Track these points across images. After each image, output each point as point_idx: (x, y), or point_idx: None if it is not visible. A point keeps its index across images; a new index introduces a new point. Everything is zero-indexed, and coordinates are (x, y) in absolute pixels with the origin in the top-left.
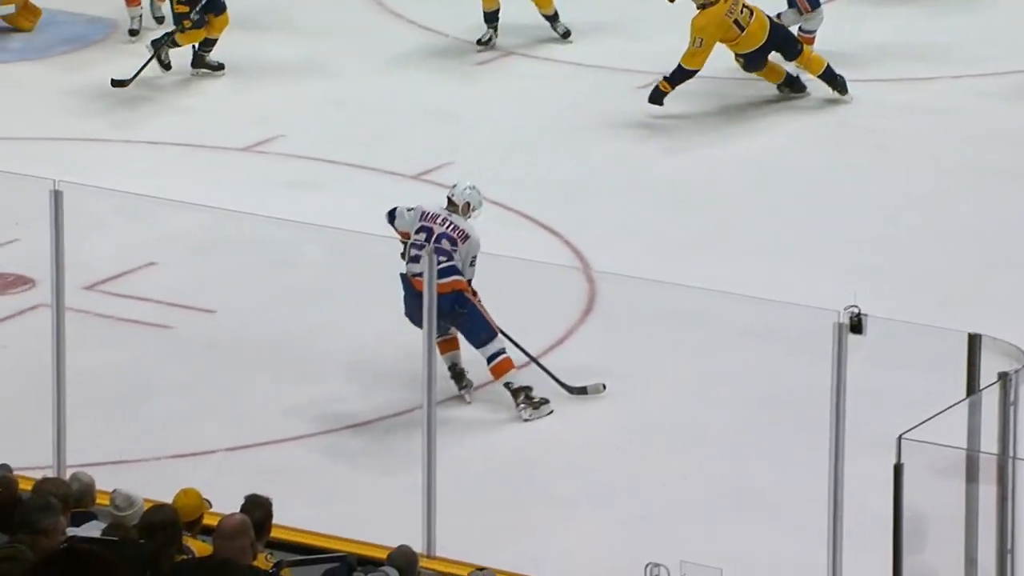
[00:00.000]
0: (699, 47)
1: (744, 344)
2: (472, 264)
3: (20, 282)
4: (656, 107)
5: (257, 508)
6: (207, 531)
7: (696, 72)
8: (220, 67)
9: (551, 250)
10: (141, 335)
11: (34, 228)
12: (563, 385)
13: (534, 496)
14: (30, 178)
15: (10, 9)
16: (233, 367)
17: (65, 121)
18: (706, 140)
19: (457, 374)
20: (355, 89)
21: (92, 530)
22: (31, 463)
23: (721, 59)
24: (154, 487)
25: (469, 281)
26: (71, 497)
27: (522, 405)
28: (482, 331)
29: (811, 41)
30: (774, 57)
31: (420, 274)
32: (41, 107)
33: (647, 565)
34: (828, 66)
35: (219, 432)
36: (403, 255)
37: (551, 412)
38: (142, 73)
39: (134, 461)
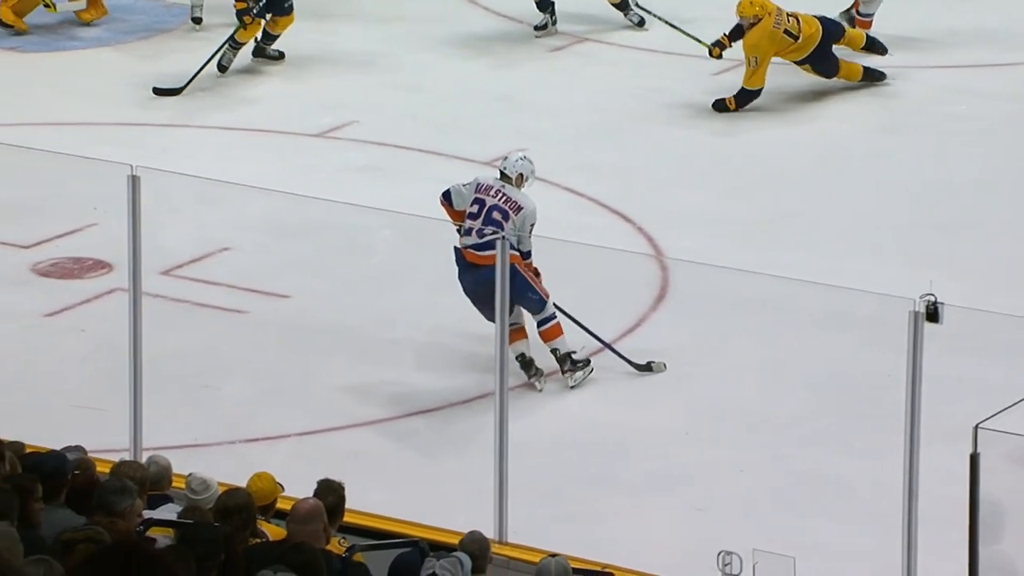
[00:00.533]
0: (755, 66)
1: (817, 332)
2: (530, 234)
3: (98, 267)
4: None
5: (330, 493)
6: (280, 515)
7: (760, 91)
8: (280, 56)
9: (624, 237)
10: (216, 319)
11: (112, 213)
12: (629, 362)
13: (606, 482)
14: (108, 163)
15: (80, 5)
16: (307, 352)
17: (141, 107)
18: (779, 126)
19: (526, 363)
20: (428, 75)
21: (168, 513)
22: (108, 446)
23: None
24: (228, 471)
25: (528, 253)
26: (148, 480)
27: (567, 371)
28: (532, 298)
29: (868, 25)
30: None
31: (471, 246)
32: (118, 93)
33: (719, 553)
34: (867, 36)
35: (292, 416)
36: (459, 231)
37: (592, 371)
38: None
39: (209, 445)
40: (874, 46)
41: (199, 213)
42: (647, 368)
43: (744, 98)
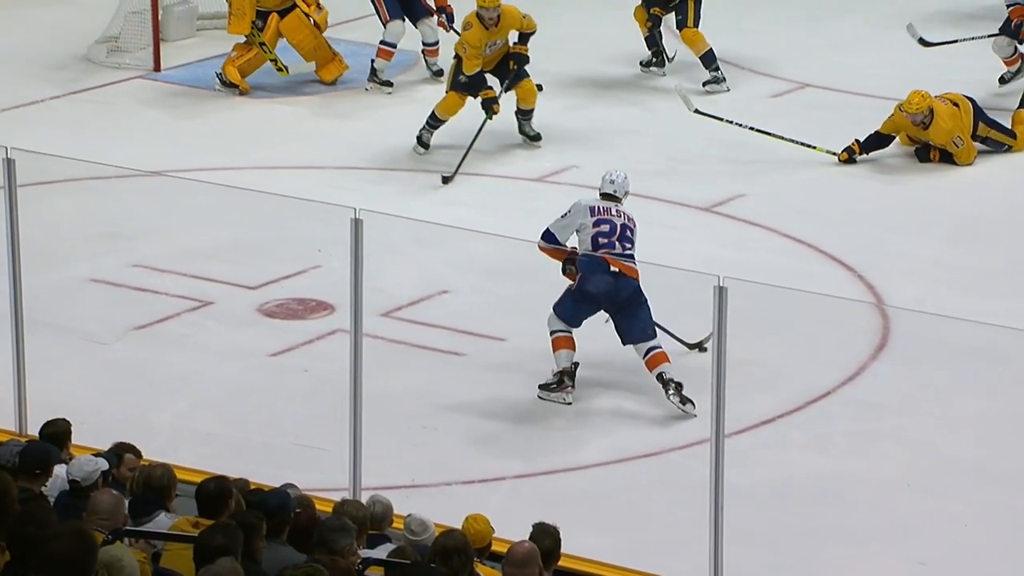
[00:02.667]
0: (962, 144)
1: None
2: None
3: (321, 308)
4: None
5: (546, 536)
6: (494, 558)
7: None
8: (538, 137)
9: (843, 284)
10: (434, 361)
11: (335, 255)
12: (684, 342)
13: (825, 532)
14: (332, 207)
15: (311, 68)
16: (523, 394)
17: (364, 152)
18: (1002, 173)
19: (570, 374)
20: (645, 119)
21: (383, 553)
22: (328, 484)
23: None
24: (445, 512)
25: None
26: (368, 519)
27: (672, 395)
28: (649, 325)
29: None
30: None
31: (615, 255)
32: (341, 138)
33: None
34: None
35: (509, 459)
36: (564, 271)
37: (695, 416)
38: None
39: (426, 485)
40: None
41: (419, 256)
42: (701, 347)
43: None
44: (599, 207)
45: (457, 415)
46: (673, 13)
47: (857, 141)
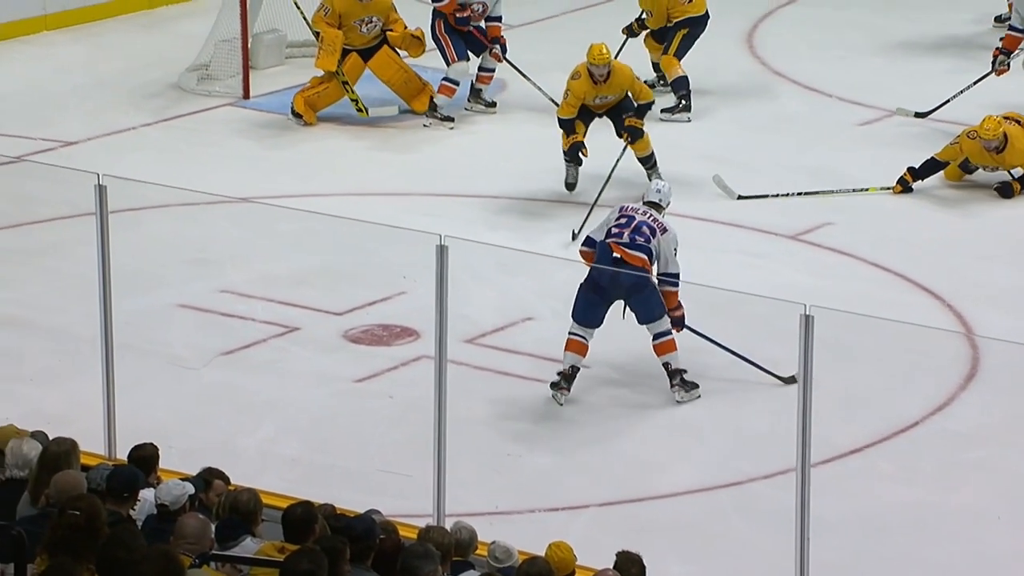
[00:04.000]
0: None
1: None
2: (676, 255)
3: (405, 334)
4: None
5: (631, 565)
6: None
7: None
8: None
9: (932, 313)
10: (519, 387)
11: (420, 281)
12: (775, 375)
13: (913, 563)
14: (417, 233)
15: (392, 111)
16: (607, 422)
17: (450, 179)
18: None
19: (568, 377)
20: (733, 144)
21: None
22: (412, 511)
23: None
24: (528, 539)
25: (677, 275)
26: (452, 546)
27: (676, 387)
28: (656, 308)
29: None
30: None
31: (622, 244)
32: (426, 165)
33: None
34: None
35: (593, 486)
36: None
37: (699, 396)
38: None
39: (510, 513)
40: None
41: (503, 282)
42: (792, 380)
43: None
44: (630, 206)
45: (541, 441)
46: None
47: (910, 169)
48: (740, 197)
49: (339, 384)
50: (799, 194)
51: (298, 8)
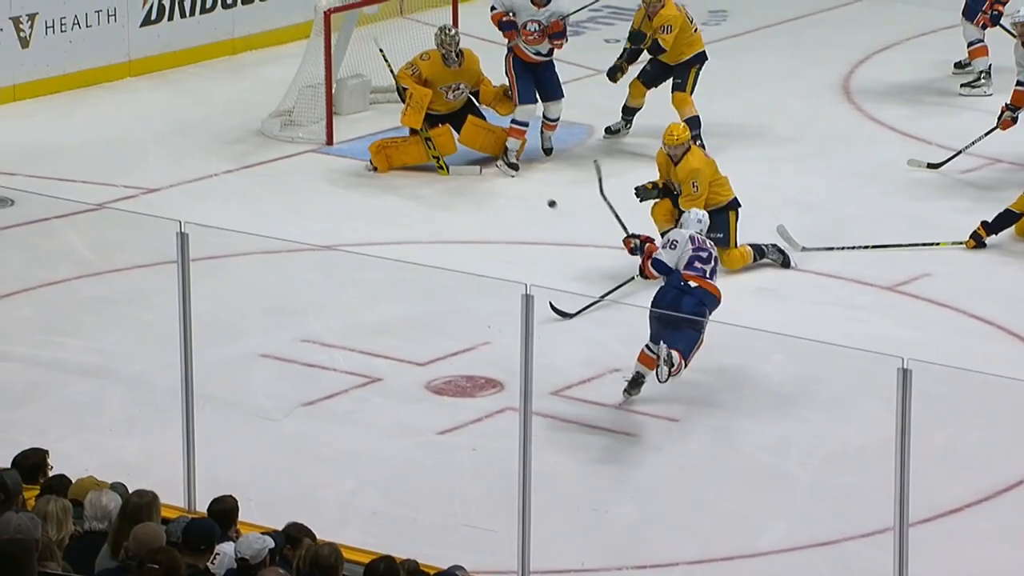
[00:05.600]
0: None
1: None
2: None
3: (489, 385)
4: None
5: None
6: None
7: None
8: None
9: None
10: (605, 441)
11: (505, 331)
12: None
13: None
14: (502, 281)
15: (474, 170)
16: (697, 476)
17: (531, 225)
18: None
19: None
20: (823, 194)
21: None
22: (496, 567)
23: None
24: None
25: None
26: None
27: (627, 392)
28: (680, 343)
29: None
30: None
31: (706, 276)
32: (511, 213)
33: None
34: None
35: (683, 542)
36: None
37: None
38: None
39: (596, 570)
40: None
41: (590, 333)
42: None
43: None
44: (697, 237)
45: (628, 497)
46: (672, 77)
47: (984, 224)
48: (804, 249)
49: (421, 436)
50: (866, 247)
51: (385, 60)
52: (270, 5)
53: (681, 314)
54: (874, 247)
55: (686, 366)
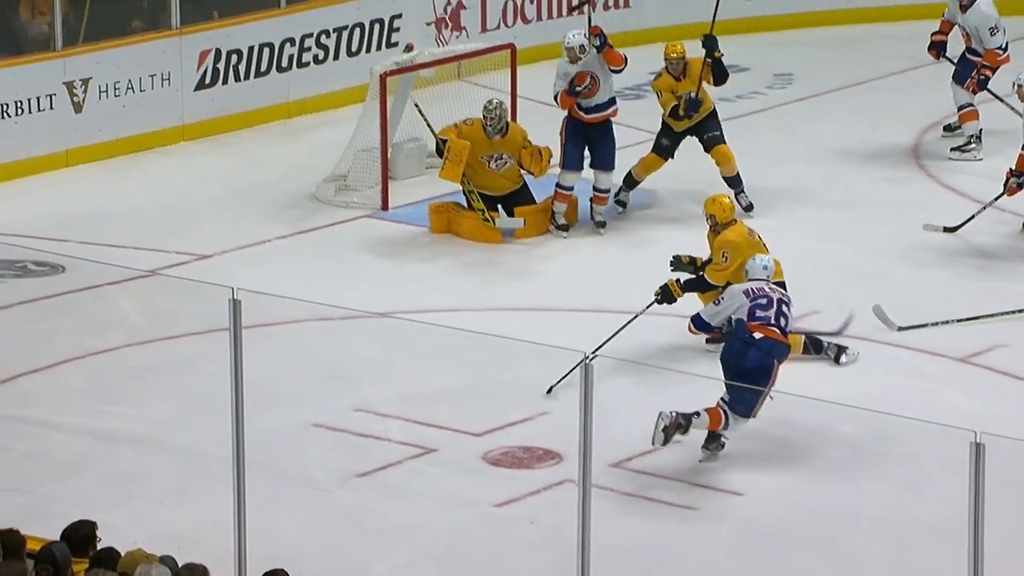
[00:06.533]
0: None
1: None
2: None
3: (548, 456)
4: None
5: None
6: None
7: None
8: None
9: None
10: (667, 515)
11: (564, 401)
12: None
13: None
14: (560, 350)
15: (518, 223)
16: (762, 551)
17: (588, 292)
18: None
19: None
20: (884, 264)
21: None
22: None
23: None
24: None
25: None
26: None
27: (708, 447)
28: (741, 401)
29: None
30: None
31: (770, 323)
32: (565, 278)
33: None
34: None
35: None
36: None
37: (716, 458)
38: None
39: None
40: None
41: (651, 403)
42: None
43: None
44: (752, 289)
45: (691, 572)
46: (694, 135)
47: None
48: (901, 328)
49: (478, 508)
50: (959, 320)
51: (421, 115)
52: (325, 68)
53: (747, 367)
54: (968, 319)
55: (754, 417)
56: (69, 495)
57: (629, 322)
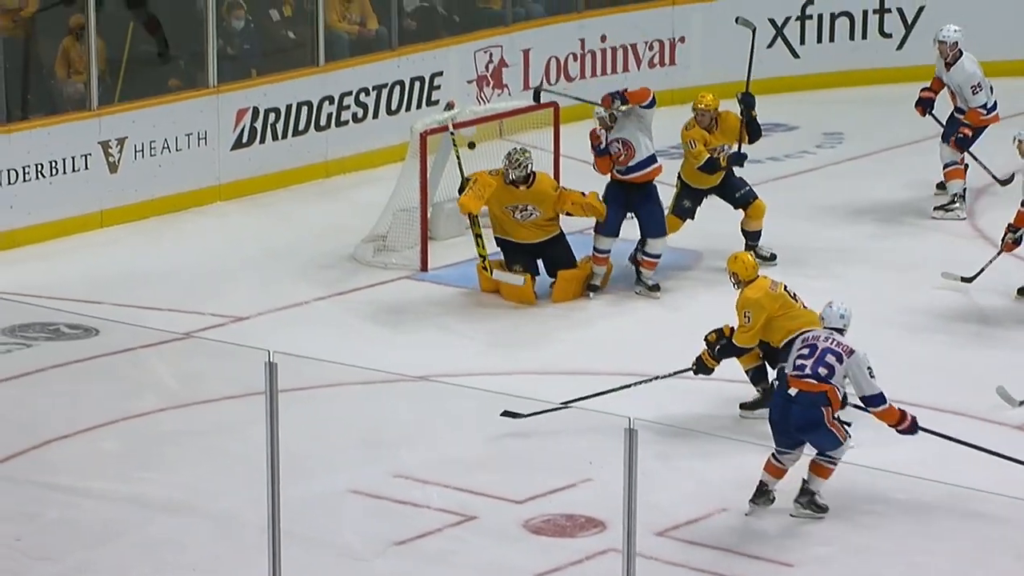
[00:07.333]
0: None
1: None
2: (871, 375)
3: (591, 525)
4: None
5: None
6: None
7: None
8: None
9: None
10: None
11: (607, 467)
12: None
13: None
14: (604, 414)
15: (518, 281)
16: None
17: (630, 356)
18: None
19: (764, 494)
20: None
21: None
22: None
23: None
24: None
25: (876, 397)
26: None
27: (799, 502)
28: (829, 442)
29: None
30: None
31: (805, 373)
32: (606, 342)
33: None
34: None
35: None
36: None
37: (822, 518)
38: None
39: None
40: None
41: (697, 469)
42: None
43: None
44: (808, 337)
45: None
46: (717, 194)
47: None
48: (1022, 404)
49: None
50: None
51: (457, 156)
52: (364, 127)
53: (793, 426)
54: None
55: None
56: (101, 563)
57: (645, 381)
